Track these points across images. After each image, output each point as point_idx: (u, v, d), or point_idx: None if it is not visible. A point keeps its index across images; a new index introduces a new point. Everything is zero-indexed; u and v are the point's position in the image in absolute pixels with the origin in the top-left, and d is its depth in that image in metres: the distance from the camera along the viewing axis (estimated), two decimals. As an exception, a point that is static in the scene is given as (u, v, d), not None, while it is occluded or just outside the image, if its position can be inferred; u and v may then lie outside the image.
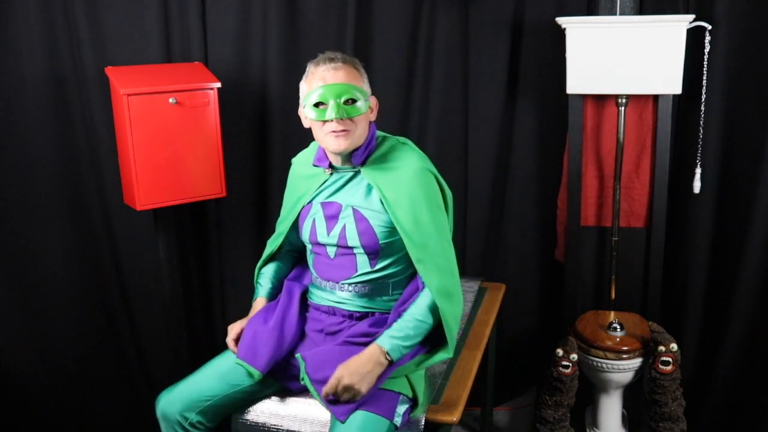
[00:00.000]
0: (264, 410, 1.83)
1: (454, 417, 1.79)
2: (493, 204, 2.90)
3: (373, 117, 1.84)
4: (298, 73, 2.63)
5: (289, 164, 2.00)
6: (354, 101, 1.75)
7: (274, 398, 1.84)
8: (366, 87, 1.81)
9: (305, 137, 2.70)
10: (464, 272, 2.01)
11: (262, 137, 2.72)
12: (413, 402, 1.76)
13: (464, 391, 1.89)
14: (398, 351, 1.69)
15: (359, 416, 1.64)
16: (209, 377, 1.80)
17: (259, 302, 1.94)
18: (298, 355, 1.75)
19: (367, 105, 1.78)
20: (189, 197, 2.36)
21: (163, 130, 2.26)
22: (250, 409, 1.84)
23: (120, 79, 2.22)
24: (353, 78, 1.77)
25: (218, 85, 2.36)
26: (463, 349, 2.12)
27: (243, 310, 1.99)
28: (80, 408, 2.73)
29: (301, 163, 1.98)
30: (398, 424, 1.69)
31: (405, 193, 1.76)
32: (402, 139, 1.88)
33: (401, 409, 1.71)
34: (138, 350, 2.82)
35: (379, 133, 1.89)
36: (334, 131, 1.74)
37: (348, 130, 1.75)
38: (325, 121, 1.75)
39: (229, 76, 2.60)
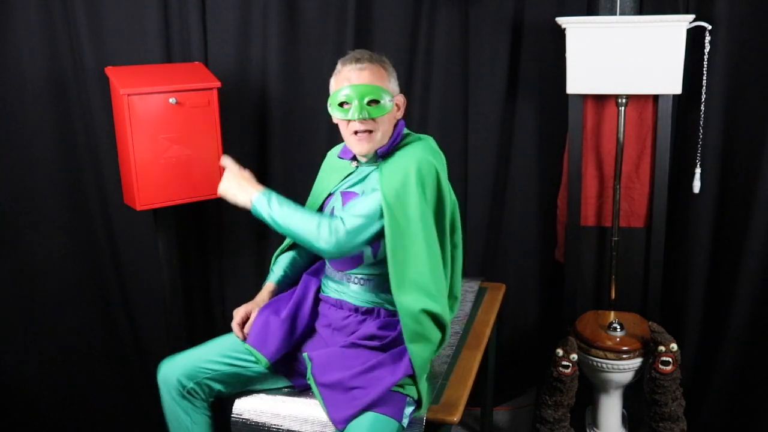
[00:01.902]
0: (264, 410, 1.83)
1: (455, 417, 1.79)
2: (493, 204, 2.90)
3: (399, 115, 1.85)
4: (298, 73, 2.67)
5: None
6: (377, 102, 1.76)
7: (274, 398, 1.84)
8: (392, 86, 1.82)
9: (305, 137, 2.73)
10: (464, 272, 2.00)
11: (262, 137, 2.72)
12: (418, 403, 1.76)
13: (464, 391, 1.89)
14: (266, 205, 1.77)
15: (369, 417, 1.64)
16: (212, 352, 1.82)
17: (268, 286, 1.96)
18: (305, 355, 1.76)
19: (392, 104, 1.80)
20: (189, 197, 2.36)
21: (163, 130, 2.26)
22: (250, 408, 1.83)
23: (120, 79, 2.22)
24: (378, 78, 1.78)
25: (218, 85, 2.36)
26: (463, 349, 2.12)
27: (243, 310, 1.98)
28: (80, 408, 2.73)
29: (334, 155, 2.01)
30: (405, 425, 1.70)
31: (400, 168, 1.75)
32: (424, 136, 1.89)
33: (408, 410, 1.71)
34: (138, 350, 2.81)
35: (405, 131, 1.89)
36: (357, 131, 1.77)
37: (371, 131, 1.77)
38: (349, 121, 1.77)
39: (229, 76, 2.60)
